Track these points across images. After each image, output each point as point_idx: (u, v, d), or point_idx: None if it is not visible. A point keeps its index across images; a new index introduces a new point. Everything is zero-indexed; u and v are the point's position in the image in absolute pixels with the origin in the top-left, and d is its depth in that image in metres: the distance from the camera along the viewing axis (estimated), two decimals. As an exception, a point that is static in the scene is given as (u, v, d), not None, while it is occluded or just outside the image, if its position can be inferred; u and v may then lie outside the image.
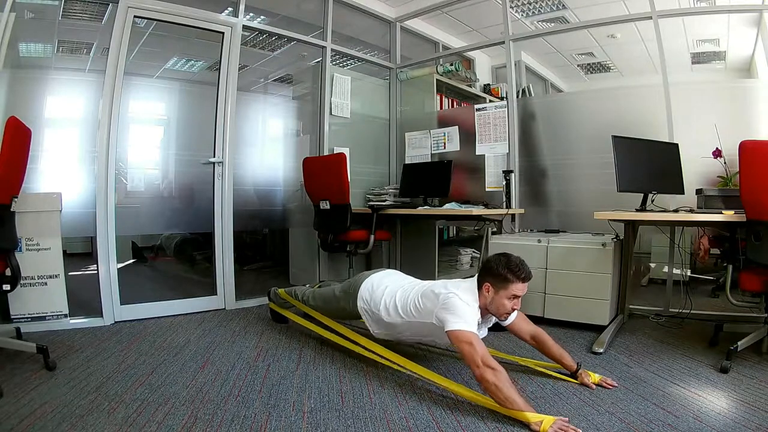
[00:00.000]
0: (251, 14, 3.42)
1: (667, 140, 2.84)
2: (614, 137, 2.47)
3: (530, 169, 3.42)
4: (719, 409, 1.63)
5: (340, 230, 3.12)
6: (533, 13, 4.39)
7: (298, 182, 3.61)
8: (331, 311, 2.37)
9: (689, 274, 3.04)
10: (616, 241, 2.65)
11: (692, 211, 2.34)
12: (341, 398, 1.73)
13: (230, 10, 3.29)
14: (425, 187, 3.58)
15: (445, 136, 3.85)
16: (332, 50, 3.78)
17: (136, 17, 2.87)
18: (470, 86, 4.51)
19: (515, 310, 1.86)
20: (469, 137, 3.67)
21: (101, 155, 2.74)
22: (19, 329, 2.32)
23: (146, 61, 3.38)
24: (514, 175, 3.35)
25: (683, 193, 2.63)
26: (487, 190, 3.52)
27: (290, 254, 4.10)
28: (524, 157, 3.43)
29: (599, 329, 2.51)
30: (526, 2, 4.25)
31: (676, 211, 2.38)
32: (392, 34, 4.34)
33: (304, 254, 3.88)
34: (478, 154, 3.58)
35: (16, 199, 1.98)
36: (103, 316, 2.70)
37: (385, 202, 3.59)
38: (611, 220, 2.61)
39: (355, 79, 3.94)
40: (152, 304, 2.94)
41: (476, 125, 3.60)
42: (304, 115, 4.06)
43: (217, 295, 3.17)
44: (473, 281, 1.87)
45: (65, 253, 2.66)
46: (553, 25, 4.49)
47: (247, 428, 1.49)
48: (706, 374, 1.95)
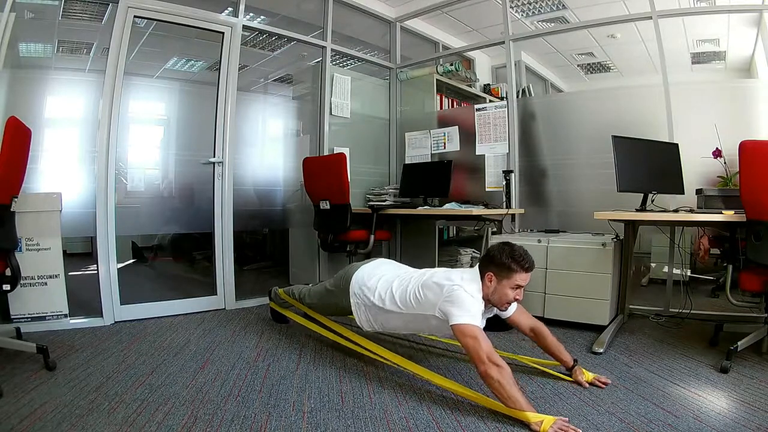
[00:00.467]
0: (251, 14, 3.42)
1: (667, 140, 2.84)
2: (614, 137, 2.47)
3: (530, 169, 3.41)
4: (719, 409, 1.63)
5: (340, 230, 3.12)
6: (533, 13, 4.40)
7: (298, 182, 3.61)
8: (325, 308, 2.34)
9: (689, 274, 3.04)
10: (616, 241, 2.65)
11: (692, 211, 2.34)
12: (341, 398, 1.73)
13: (230, 10, 3.29)
14: (425, 187, 3.58)
15: (445, 136, 3.85)
16: (332, 50, 3.78)
17: (136, 17, 2.87)
18: (470, 86, 4.51)
19: (517, 300, 1.84)
20: (469, 137, 3.67)
21: (101, 155, 2.74)
22: (19, 329, 2.32)
23: (146, 61, 3.39)
24: (514, 175, 3.35)
25: (683, 193, 2.63)
26: (487, 190, 3.52)
27: (290, 254, 4.10)
28: (524, 157, 3.43)
29: (599, 329, 2.51)
30: (526, 2, 4.25)
31: (676, 211, 2.38)
32: (392, 34, 4.34)
33: (304, 254, 3.88)
34: (478, 154, 3.58)
35: (16, 199, 1.98)
36: (103, 316, 2.70)
37: (385, 202, 3.59)
38: (611, 220, 2.61)
39: (355, 79, 3.94)
40: (152, 304, 2.94)
41: (476, 125, 3.60)
42: (304, 115, 4.06)
43: (217, 295, 3.17)
44: (475, 271, 1.84)
45: (65, 253, 2.66)
46: (553, 25, 4.49)
47: (247, 428, 1.49)
48: (706, 374, 1.95)
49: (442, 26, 4.72)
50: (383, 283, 2.00)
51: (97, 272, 2.73)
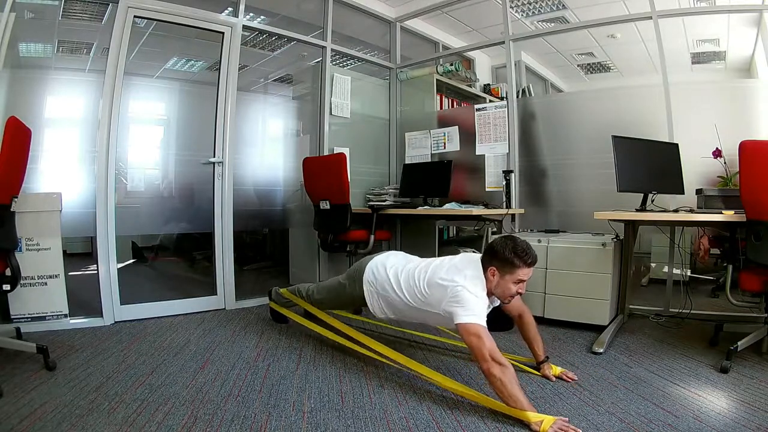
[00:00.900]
0: (251, 14, 3.42)
1: (667, 140, 2.84)
2: (614, 137, 2.47)
3: (530, 169, 3.41)
4: (719, 409, 1.64)
5: (340, 230, 3.12)
6: (533, 13, 4.40)
7: (298, 182, 3.61)
8: (336, 301, 2.38)
9: (689, 274, 3.04)
10: (616, 241, 2.65)
11: (692, 211, 2.34)
12: (341, 398, 1.73)
13: (230, 10, 3.29)
14: (425, 187, 3.58)
15: (445, 136, 3.85)
16: (332, 50, 3.78)
17: (136, 17, 2.87)
18: (470, 86, 4.51)
19: (520, 293, 1.84)
20: (469, 137, 3.67)
21: (101, 155, 2.74)
22: (19, 329, 2.32)
23: (146, 61, 3.38)
24: (514, 175, 3.35)
25: (683, 193, 2.63)
26: (487, 190, 3.52)
27: (290, 254, 4.10)
28: (524, 157, 3.43)
29: (599, 329, 2.51)
30: (526, 2, 4.25)
31: (676, 211, 2.38)
32: (392, 34, 4.34)
33: (304, 254, 3.88)
34: (478, 154, 3.58)
35: (16, 199, 1.98)
36: (103, 316, 2.70)
37: (385, 202, 3.59)
38: (611, 220, 2.61)
39: (355, 79, 3.94)
40: (152, 304, 2.93)
41: (476, 125, 3.60)
42: (304, 115, 4.06)
43: (217, 295, 3.17)
44: (477, 266, 1.84)
45: (65, 253, 2.66)
46: (553, 25, 4.49)
47: (247, 428, 1.49)
48: (706, 374, 1.95)
49: (442, 26, 4.72)
50: (393, 273, 2.03)
51: (97, 272, 2.73)
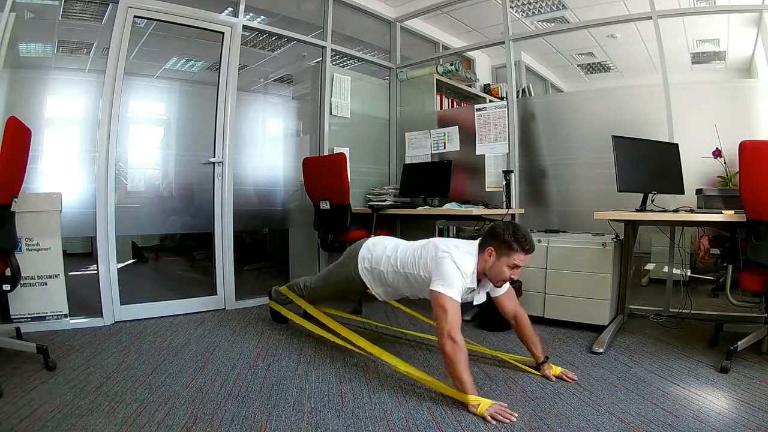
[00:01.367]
0: (251, 14, 3.42)
1: (667, 140, 2.84)
2: (614, 137, 2.47)
3: (530, 169, 3.41)
4: (719, 409, 1.64)
5: (340, 230, 3.11)
6: (533, 13, 4.40)
7: (298, 182, 3.61)
8: (332, 287, 2.41)
9: (689, 274, 3.04)
10: (616, 241, 2.65)
11: (692, 211, 2.34)
12: (341, 398, 1.73)
13: (230, 10, 3.29)
14: (425, 187, 3.58)
15: (445, 136, 3.85)
16: (332, 50, 3.78)
17: (136, 17, 2.86)
18: (470, 86, 4.51)
19: (513, 279, 1.88)
20: (469, 137, 3.67)
21: (101, 155, 2.74)
22: (19, 329, 2.32)
23: (146, 61, 3.38)
24: (514, 175, 3.35)
25: (683, 193, 2.63)
26: (487, 190, 3.52)
27: (290, 254, 4.10)
28: (524, 157, 3.43)
29: (599, 329, 2.51)
30: (526, 2, 4.25)
31: (676, 211, 2.38)
32: (392, 34, 4.34)
33: (304, 254, 3.88)
34: (478, 154, 3.58)
35: (16, 199, 1.98)
36: (103, 316, 2.70)
37: (385, 202, 3.59)
38: (611, 220, 2.61)
39: (355, 79, 3.94)
40: (152, 304, 2.93)
41: (476, 125, 3.60)
42: (304, 115, 4.06)
43: (217, 295, 3.17)
44: (474, 245, 1.89)
45: (65, 253, 2.66)
46: (553, 25, 4.49)
47: (247, 428, 1.49)
48: (706, 374, 1.96)
49: (442, 26, 4.72)
50: (390, 248, 2.12)
51: (97, 272, 2.73)
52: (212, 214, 3.16)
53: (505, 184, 3.35)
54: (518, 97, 3.64)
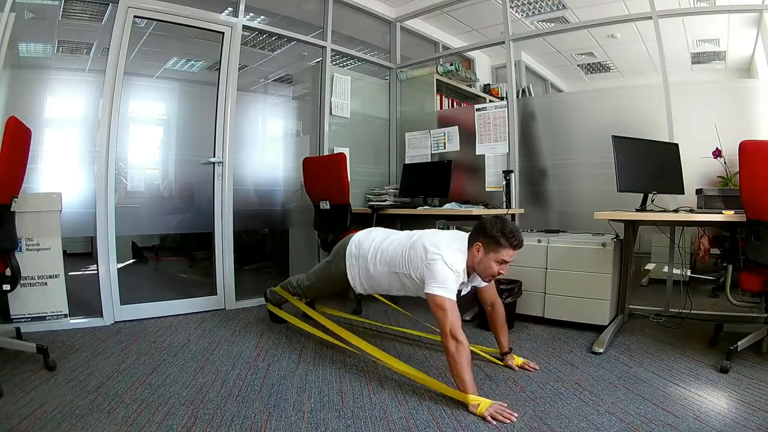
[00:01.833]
0: (251, 14, 3.42)
1: (667, 140, 2.84)
2: (614, 137, 2.47)
3: (530, 169, 3.41)
4: (719, 409, 1.64)
5: (340, 230, 3.11)
6: (533, 13, 4.39)
7: (298, 182, 3.61)
8: (323, 283, 2.42)
9: (689, 274, 3.04)
10: (616, 241, 2.65)
11: (692, 211, 2.34)
12: (341, 398, 1.73)
13: (230, 10, 3.29)
14: (425, 187, 3.58)
15: (445, 136, 3.85)
16: (332, 50, 3.78)
17: (136, 17, 2.87)
18: (470, 86, 4.51)
19: (501, 274, 1.88)
20: (469, 137, 3.67)
21: (101, 155, 2.74)
22: (19, 329, 2.32)
23: (146, 61, 3.38)
24: (514, 175, 3.35)
25: (683, 193, 2.63)
26: (487, 190, 3.53)
27: (290, 254, 4.09)
28: (524, 157, 3.43)
29: (599, 329, 2.51)
30: (526, 2, 4.25)
31: (676, 211, 2.38)
32: (392, 34, 4.34)
33: (304, 254, 3.88)
34: (478, 154, 3.58)
35: (16, 199, 1.98)
36: (103, 316, 2.70)
37: (385, 202, 3.59)
38: (611, 220, 2.61)
39: (355, 79, 3.94)
40: (152, 304, 2.93)
41: (476, 125, 3.60)
42: (304, 115, 4.06)
43: (217, 295, 3.17)
44: (464, 241, 1.90)
45: (65, 253, 2.66)
46: (553, 25, 4.49)
47: (247, 428, 1.49)
48: (706, 374, 1.96)
49: (442, 26, 4.72)
50: (376, 243, 2.12)
51: (97, 272, 2.73)
52: (212, 214, 3.16)
53: (505, 184, 3.35)
54: (518, 97, 3.64)
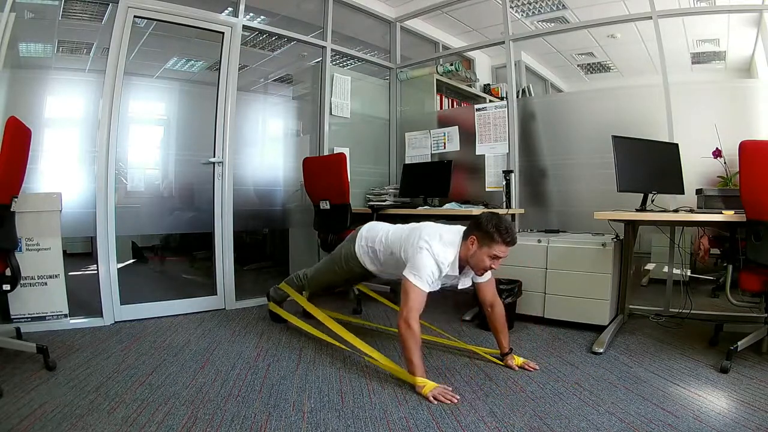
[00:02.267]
0: (251, 14, 3.42)
1: (667, 140, 2.84)
2: (614, 137, 2.47)
3: (530, 169, 3.41)
4: (719, 409, 1.64)
5: (340, 230, 3.11)
6: (533, 13, 4.40)
7: (298, 182, 3.61)
8: (332, 271, 2.48)
9: (689, 274, 3.04)
10: (616, 241, 2.65)
11: (692, 211, 2.34)
12: (341, 398, 1.73)
13: (230, 10, 3.29)
14: (425, 187, 3.58)
15: (445, 136, 3.85)
16: (332, 50, 3.78)
17: (136, 17, 2.86)
18: (470, 86, 4.51)
19: (493, 269, 1.94)
20: (469, 137, 3.67)
21: (101, 155, 2.74)
22: (19, 329, 2.32)
23: (146, 61, 3.38)
24: (514, 175, 3.35)
25: (683, 193, 2.63)
26: (487, 190, 3.52)
27: (290, 254, 4.09)
28: (524, 157, 3.43)
29: (599, 329, 2.51)
30: (526, 2, 4.25)
31: (676, 211, 2.38)
32: (392, 34, 4.34)
33: (304, 254, 3.88)
34: (478, 154, 3.58)
35: (16, 199, 1.98)
36: (103, 316, 2.70)
37: (385, 202, 3.59)
38: (611, 220, 2.61)
39: (355, 79, 3.94)
40: (152, 304, 2.93)
41: (476, 125, 3.60)
42: (304, 115, 4.06)
43: (217, 295, 3.17)
44: (459, 234, 1.96)
45: (65, 253, 2.66)
46: (553, 25, 4.49)
47: (247, 428, 1.49)
48: (706, 374, 1.96)
49: (442, 26, 4.72)
50: (386, 228, 2.25)
51: (97, 272, 2.73)
52: (212, 214, 3.16)
53: (505, 184, 3.35)
54: (518, 97, 3.64)
